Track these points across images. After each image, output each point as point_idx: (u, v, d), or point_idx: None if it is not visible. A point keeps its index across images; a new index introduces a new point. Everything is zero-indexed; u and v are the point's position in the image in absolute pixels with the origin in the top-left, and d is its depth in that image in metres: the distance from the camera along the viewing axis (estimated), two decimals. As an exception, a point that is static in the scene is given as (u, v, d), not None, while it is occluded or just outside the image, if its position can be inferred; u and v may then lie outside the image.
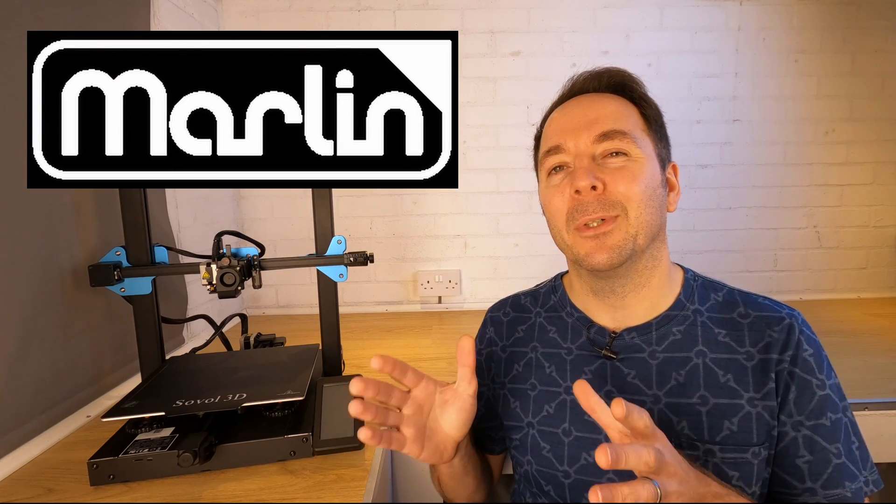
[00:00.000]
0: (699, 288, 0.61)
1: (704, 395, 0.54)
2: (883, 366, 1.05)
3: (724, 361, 0.55)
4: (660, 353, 0.57)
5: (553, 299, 0.67)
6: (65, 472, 0.69)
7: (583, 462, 0.57)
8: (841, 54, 1.58)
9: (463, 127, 1.58)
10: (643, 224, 0.54)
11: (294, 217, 1.61)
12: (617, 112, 0.57)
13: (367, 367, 1.11)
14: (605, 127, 0.56)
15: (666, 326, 0.58)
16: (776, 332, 0.54)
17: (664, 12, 1.55)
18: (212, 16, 1.48)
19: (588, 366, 0.59)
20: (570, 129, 0.58)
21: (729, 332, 0.56)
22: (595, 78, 0.61)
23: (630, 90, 0.60)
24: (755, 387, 0.53)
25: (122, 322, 0.95)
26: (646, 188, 0.54)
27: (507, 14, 1.55)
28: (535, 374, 0.63)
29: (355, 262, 0.89)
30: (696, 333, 0.57)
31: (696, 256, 1.66)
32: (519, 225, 1.63)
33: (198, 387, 0.77)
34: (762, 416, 0.52)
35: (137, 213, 0.82)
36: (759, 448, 0.52)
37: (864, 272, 1.68)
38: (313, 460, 0.70)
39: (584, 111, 0.58)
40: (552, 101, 0.67)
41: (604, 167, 0.55)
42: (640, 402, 0.55)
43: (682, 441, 0.53)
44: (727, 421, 0.52)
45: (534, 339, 0.65)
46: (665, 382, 0.55)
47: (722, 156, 1.62)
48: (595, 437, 0.57)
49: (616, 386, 0.57)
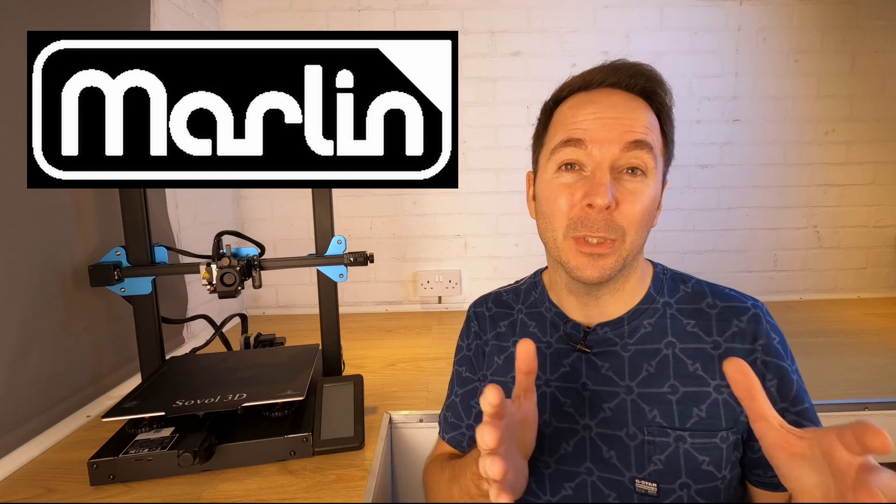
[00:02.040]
0: (668, 281, 0.62)
1: (674, 384, 0.55)
2: (883, 366, 1.05)
3: (692, 351, 0.56)
4: (631, 345, 0.58)
5: (534, 295, 0.68)
6: (65, 472, 0.69)
7: (562, 452, 0.58)
8: (841, 54, 1.58)
9: (463, 127, 1.58)
10: (635, 248, 0.55)
11: (294, 217, 1.61)
12: (647, 126, 0.54)
13: (368, 367, 1.11)
14: (637, 136, 0.53)
15: (637, 320, 0.59)
16: (743, 323, 0.56)
17: (664, 12, 1.56)
18: (212, 16, 1.48)
19: (565, 359, 0.61)
20: (598, 127, 0.53)
21: (697, 322, 0.58)
22: (632, 75, 0.55)
23: (660, 100, 0.56)
24: (721, 374, 0.54)
25: (122, 322, 0.95)
26: (645, 213, 0.54)
27: (507, 14, 1.55)
28: (514, 368, 0.62)
29: (355, 262, 0.89)
30: (666, 325, 0.58)
31: (696, 256, 1.66)
32: (519, 225, 1.63)
33: (198, 387, 0.77)
34: (728, 402, 0.54)
35: (137, 213, 0.82)
36: (727, 433, 0.53)
37: (864, 272, 1.68)
38: (313, 460, 0.71)
39: (616, 112, 0.54)
40: (573, 78, 0.58)
41: (620, 184, 0.53)
42: (614, 392, 0.57)
43: (653, 429, 0.54)
44: (696, 408, 0.54)
45: (515, 335, 0.65)
46: (637, 373, 0.57)
47: (722, 156, 1.62)
48: (573, 426, 0.58)
49: (590, 378, 0.58)
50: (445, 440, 0.71)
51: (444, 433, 0.71)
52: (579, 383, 0.59)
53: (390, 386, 1.01)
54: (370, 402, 0.91)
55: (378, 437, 0.78)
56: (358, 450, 0.73)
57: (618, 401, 0.56)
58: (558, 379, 0.60)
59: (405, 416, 0.89)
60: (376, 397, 0.94)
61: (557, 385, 0.60)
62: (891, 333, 1.27)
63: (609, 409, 0.57)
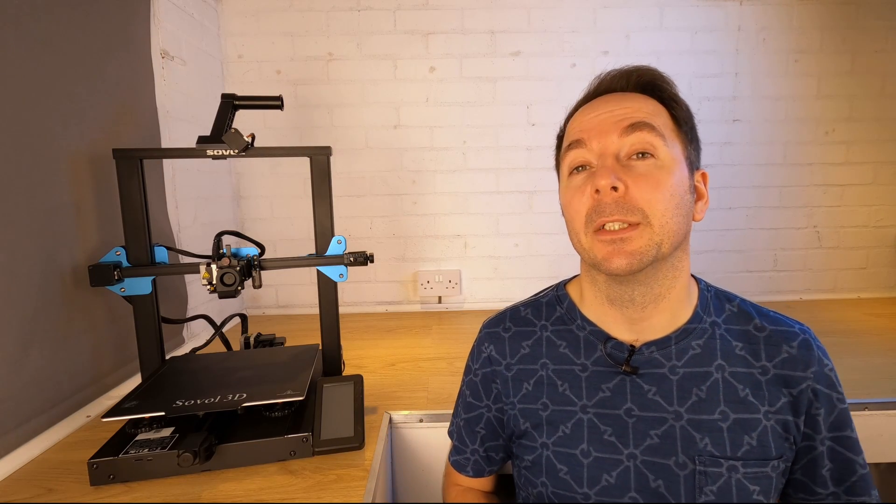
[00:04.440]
0: (713, 299, 0.59)
1: (725, 411, 0.53)
2: (883, 366, 1.05)
3: (742, 375, 0.54)
4: (680, 368, 0.55)
5: (559, 311, 0.63)
6: (65, 472, 0.69)
7: (604, 483, 0.55)
8: (841, 54, 1.58)
9: (463, 127, 1.58)
10: (669, 232, 0.51)
11: (294, 217, 1.61)
12: (646, 109, 0.54)
13: (368, 367, 1.11)
14: (633, 119, 0.52)
15: (685, 340, 0.56)
16: (794, 349, 0.54)
17: (664, 12, 1.56)
18: (212, 16, 1.48)
19: (605, 382, 0.57)
20: (594, 125, 0.54)
21: (745, 345, 0.56)
22: (623, 76, 0.57)
23: (660, 90, 0.56)
24: (770, 400, 0.53)
25: (122, 322, 0.95)
26: (672, 195, 0.51)
27: (507, 14, 1.55)
28: (546, 393, 0.60)
29: (355, 262, 0.89)
30: (715, 347, 0.56)
31: (696, 256, 1.65)
32: (519, 225, 1.63)
33: (198, 387, 0.77)
34: (776, 430, 0.53)
35: (137, 213, 0.82)
36: (778, 461, 0.52)
37: (864, 272, 1.68)
38: (313, 460, 0.70)
39: (611, 108, 0.54)
40: (577, 100, 0.62)
41: (628, 169, 0.51)
42: (662, 419, 0.54)
43: (705, 458, 0.52)
44: (747, 436, 0.52)
45: (543, 356, 0.61)
46: (686, 398, 0.54)
47: (722, 156, 1.62)
48: (616, 457, 0.55)
49: (636, 403, 0.55)
50: (451, 463, 0.71)
51: (450, 455, 0.72)
52: (622, 409, 0.55)
53: (390, 386, 1.01)
54: (370, 402, 0.91)
55: (378, 437, 0.78)
56: (358, 450, 0.73)
57: (666, 427, 0.54)
58: (596, 405, 0.57)
59: (405, 416, 0.89)
60: (376, 397, 0.94)
61: (595, 411, 0.56)
62: (891, 333, 1.27)
63: (657, 437, 0.54)
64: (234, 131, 0.82)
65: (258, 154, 0.86)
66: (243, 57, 1.54)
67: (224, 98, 0.89)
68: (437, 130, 1.59)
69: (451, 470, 0.73)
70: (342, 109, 1.57)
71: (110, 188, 0.91)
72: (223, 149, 0.83)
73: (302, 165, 1.00)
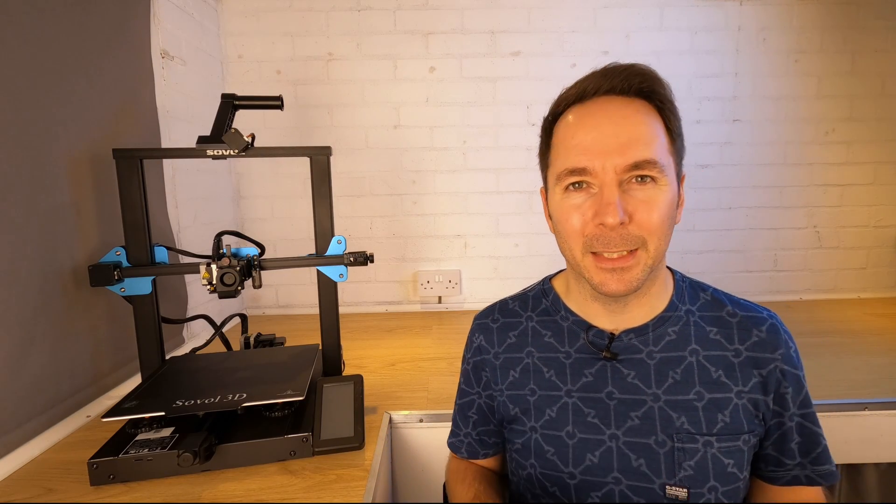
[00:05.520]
0: (688, 288, 0.63)
1: (700, 391, 0.57)
2: (883, 366, 1.04)
3: (715, 358, 0.58)
4: (657, 353, 0.59)
5: (545, 303, 0.67)
6: (65, 472, 0.69)
7: (588, 463, 0.58)
8: (841, 54, 1.58)
9: (463, 127, 1.58)
10: (661, 253, 0.55)
11: (294, 217, 1.61)
12: (648, 134, 0.53)
13: (368, 367, 1.11)
14: (638, 156, 0.52)
15: (662, 327, 0.60)
16: (763, 333, 0.58)
17: (664, 12, 1.56)
18: (212, 16, 1.48)
19: (588, 368, 0.60)
20: (597, 150, 0.53)
21: (719, 329, 0.59)
22: (625, 78, 0.55)
23: (659, 97, 0.56)
24: (742, 381, 0.57)
25: (122, 322, 0.95)
26: (667, 216, 0.54)
27: (507, 14, 1.55)
28: (533, 379, 0.63)
29: (355, 262, 0.89)
30: (690, 333, 0.59)
31: (696, 256, 1.66)
32: (519, 225, 1.63)
33: (198, 387, 0.77)
34: (747, 407, 0.57)
35: (137, 213, 0.82)
36: (749, 436, 0.56)
37: (864, 272, 1.68)
38: (313, 460, 0.71)
39: (614, 129, 0.53)
40: (567, 90, 0.58)
41: (630, 195, 0.53)
42: (641, 401, 0.58)
43: (682, 435, 0.56)
44: (720, 413, 0.56)
45: (528, 345, 0.65)
46: (663, 381, 0.58)
47: (722, 156, 1.62)
48: (598, 437, 0.58)
49: (617, 387, 0.59)
50: (448, 444, 0.74)
51: (449, 437, 0.74)
52: (604, 392, 0.59)
53: (390, 386, 1.01)
54: (370, 402, 0.91)
55: (378, 437, 0.78)
56: (358, 450, 0.73)
57: (645, 409, 0.57)
58: (580, 389, 0.60)
59: (405, 416, 0.89)
60: (376, 397, 0.94)
61: (579, 395, 0.60)
62: (891, 333, 1.26)
63: (637, 418, 0.57)
64: (234, 131, 0.83)
65: (258, 154, 0.86)
66: (243, 57, 1.54)
67: (224, 98, 0.89)
68: (437, 130, 1.59)
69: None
70: (342, 109, 1.57)
71: (110, 188, 0.91)
72: (223, 149, 0.83)
73: (302, 165, 1.00)
